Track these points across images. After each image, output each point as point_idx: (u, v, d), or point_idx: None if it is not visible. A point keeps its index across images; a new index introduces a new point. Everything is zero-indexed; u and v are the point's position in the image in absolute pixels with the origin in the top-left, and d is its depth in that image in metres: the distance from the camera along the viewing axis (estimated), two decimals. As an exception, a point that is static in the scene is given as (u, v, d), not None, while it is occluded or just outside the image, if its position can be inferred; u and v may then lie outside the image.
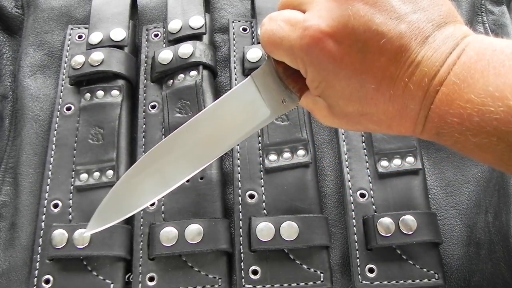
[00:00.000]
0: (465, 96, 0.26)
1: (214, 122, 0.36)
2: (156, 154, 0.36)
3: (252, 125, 0.36)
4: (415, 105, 0.28)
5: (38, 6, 0.58)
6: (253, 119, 0.36)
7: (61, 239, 0.43)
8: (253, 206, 0.45)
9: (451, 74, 0.27)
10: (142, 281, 0.42)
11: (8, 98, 0.55)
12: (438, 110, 0.27)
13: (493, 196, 0.46)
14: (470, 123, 0.26)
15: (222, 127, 0.36)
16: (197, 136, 0.36)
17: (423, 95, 0.28)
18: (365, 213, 0.44)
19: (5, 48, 0.57)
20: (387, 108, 0.29)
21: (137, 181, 0.36)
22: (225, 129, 0.36)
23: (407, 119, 0.29)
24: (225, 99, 0.36)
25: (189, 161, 0.36)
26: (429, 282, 0.41)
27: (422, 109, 0.28)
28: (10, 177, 0.50)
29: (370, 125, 0.32)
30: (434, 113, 0.28)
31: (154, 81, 0.52)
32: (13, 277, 0.44)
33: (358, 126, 0.33)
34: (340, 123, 0.33)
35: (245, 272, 0.42)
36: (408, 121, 0.29)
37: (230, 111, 0.36)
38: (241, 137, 0.36)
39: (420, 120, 0.29)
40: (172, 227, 0.43)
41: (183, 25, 0.53)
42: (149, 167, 0.36)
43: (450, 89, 0.27)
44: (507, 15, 0.57)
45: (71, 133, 0.49)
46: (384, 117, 0.30)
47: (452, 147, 0.28)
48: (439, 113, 0.27)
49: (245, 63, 0.51)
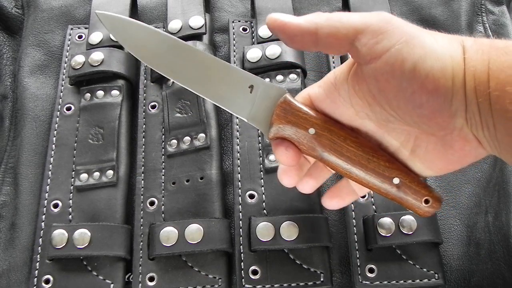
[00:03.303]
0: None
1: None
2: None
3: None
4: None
5: (38, 6, 0.58)
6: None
7: (61, 239, 0.43)
8: (253, 206, 0.45)
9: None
10: (142, 281, 0.42)
11: (8, 98, 0.55)
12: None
13: (493, 196, 0.46)
14: None
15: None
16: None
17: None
18: (365, 213, 0.44)
19: (5, 48, 0.57)
20: None
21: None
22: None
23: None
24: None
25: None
26: (429, 282, 0.41)
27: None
28: (10, 177, 0.50)
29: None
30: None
31: (154, 81, 0.52)
32: (13, 277, 0.44)
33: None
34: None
35: (245, 272, 0.42)
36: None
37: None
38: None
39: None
40: (172, 227, 0.43)
41: (183, 25, 0.53)
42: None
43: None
44: (507, 15, 0.57)
45: (71, 133, 0.49)
46: None
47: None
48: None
49: (245, 63, 0.51)
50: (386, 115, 0.31)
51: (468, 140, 0.29)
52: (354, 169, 0.33)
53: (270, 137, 0.35)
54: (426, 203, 0.33)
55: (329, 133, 0.33)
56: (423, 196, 0.33)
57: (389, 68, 0.28)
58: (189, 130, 0.48)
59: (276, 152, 0.35)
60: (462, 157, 0.30)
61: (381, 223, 0.42)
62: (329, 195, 0.38)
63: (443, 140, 0.30)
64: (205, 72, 0.35)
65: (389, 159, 0.33)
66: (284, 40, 0.32)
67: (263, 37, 0.52)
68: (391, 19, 0.29)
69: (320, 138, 0.33)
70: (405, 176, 0.33)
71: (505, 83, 0.26)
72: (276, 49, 0.50)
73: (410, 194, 0.33)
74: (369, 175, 0.33)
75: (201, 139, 0.47)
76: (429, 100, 0.28)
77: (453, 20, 0.56)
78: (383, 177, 0.33)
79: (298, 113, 0.34)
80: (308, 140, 0.34)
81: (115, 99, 0.50)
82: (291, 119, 0.34)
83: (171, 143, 0.48)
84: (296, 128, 0.34)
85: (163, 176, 0.47)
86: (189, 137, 0.47)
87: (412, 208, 0.34)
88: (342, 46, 0.30)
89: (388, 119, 0.31)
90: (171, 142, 0.48)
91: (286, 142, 0.34)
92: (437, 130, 0.29)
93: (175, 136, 0.48)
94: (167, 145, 0.48)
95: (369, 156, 0.33)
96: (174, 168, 0.47)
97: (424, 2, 0.58)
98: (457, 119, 0.28)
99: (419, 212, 0.34)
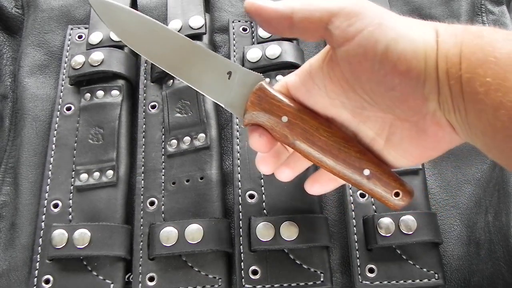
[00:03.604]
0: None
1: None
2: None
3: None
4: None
5: (38, 6, 0.58)
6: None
7: (61, 239, 0.43)
8: (253, 206, 0.45)
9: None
10: (142, 281, 0.42)
11: (8, 98, 0.55)
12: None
13: (493, 196, 0.46)
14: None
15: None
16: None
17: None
18: (365, 213, 0.44)
19: (5, 48, 0.57)
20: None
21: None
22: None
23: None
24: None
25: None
26: (429, 282, 0.41)
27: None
28: (10, 177, 0.50)
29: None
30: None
31: (154, 81, 0.52)
32: (13, 277, 0.44)
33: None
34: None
35: (245, 272, 0.42)
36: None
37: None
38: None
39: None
40: (172, 227, 0.43)
41: (183, 25, 0.53)
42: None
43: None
44: (507, 15, 0.57)
45: (71, 133, 0.49)
46: None
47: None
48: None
49: (245, 63, 0.51)
50: (361, 101, 0.31)
51: (442, 125, 0.29)
52: (325, 158, 0.34)
53: (245, 123, 0.36)
54: (396, 196, 0.33)
55: (301, 121, 0.33)
56: (393, 189, 0.33)
57: (362, 50, 0.28)
58: (189, 130, 0.48)
59: (250, 138, 0.35)
60: (436, 143, 0.30)
61: (381, 223, 0.42)
62: (310, 180, 0.39)
63: (417, 126, 0.30)
64: (185, 57, 0.36)
65: (360, 150, 0.33)
66: (260, 23, 0.32)
67: (263, 37, 0.52)
68: (365, 2, 0.29)
69: (292, 126, 0.34)
70: (376, 168, 0.33)
71: (476, 65, 0.26)
72: (276, 49, 0.50)
73: (380, 186, 0.33)
74: (339, 165, 0.34)
75: (201, 139, 0.47)
76: (402, 82, 0.28)
77: (453, 20, 0.56)
78: (354, 168, 0.33)
79: (272, 100, 0.34)
80: (281, 128, 0.34)
81: (115, 99, 0.50)
82: (265, 106, 0.34)
83: (171, 143, 0.48)
84: (270, 115, 0.34)
85: (163, 176, 0.47)
86: (189, 137, 0.47)
87: (382, 200, 0.34)
88: (317, 31, 0.30)
89: (362, 106, 0.31)
90: (171, 142, 0.48)
91: (261, 129, 0.35)
92: (411, 115, 0.29)
93: (175, 136, 0.48)
94: (167, 145, 0.48)
95: (340, 146, 0.33)
96: (174, 168, 0.47)
97: (424, 2, 0.58)
98: (430, 103, 0.28)
99: (389, 204, 0.34)
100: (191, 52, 0.36)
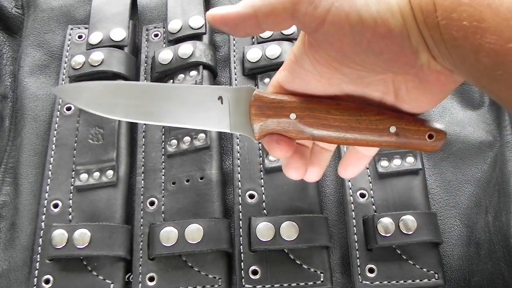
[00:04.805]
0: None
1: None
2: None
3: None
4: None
5: (38, 6, 0.58)
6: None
7: (61, 239, 0.43)
8: (253, 206, 0.45)
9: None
10: (142, 281, 0.42)
11: (8, 98, 0.55)
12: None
13: (493, 196, 0.46)
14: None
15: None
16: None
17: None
18: (365, 213, 0.44)
19: (5, 48, 0.57)
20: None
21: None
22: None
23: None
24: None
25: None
26: (429, 282, 0.41)
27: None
28: (10, 177, 0.50)
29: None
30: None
31: (154, 81, 0.52)
32: (13, 277, 0.44)
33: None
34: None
35: (245, 272, 0.42)
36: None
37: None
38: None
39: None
40: (172, 227, 0.43)
41: (183, 25, 0.53)
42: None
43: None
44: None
45: (71, 133, 0.49)
46: None
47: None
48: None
49: (245, 63, 0.51)
50: (356, 72, 0.31)
51: (440, 72, 0.29)
52: (348, 134, 0.33)
53: (257, 138, 0.35)
54: (430, 138, 0.32)
55: (310, 111, 0.33)
56: (425, 133, 0.32)
57: (337, 27, 0.28)
58: (189, 130, 0.48)
59: (269, 149, 0.35)
60: (442, 87, 0.30)
61: (381, 223, 0.42)
62: (342, 166, 0.38)
63: (417, 77, 0.30)
64: (167, 102, 0.35)
65: (378, 111, 0.33)
66: (228, 31, 0.32)
67: (263, 37, 0.52)
68: None
69: (303, 120, 0.33)
70: (399, 121, 0.32)
71: (450, 10, 0.25)
72: (276, 49, 0.50)
73: (411, 137, 0.32)
74: (364, 134, 0.33)
75: (201, 139, 0.47)
76: (387, 44, 0.28)
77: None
78: (379, 131, 0.33)
79: (272, 104, 0.33)
80: (293, 126, 0.33)
81: (115, 99, 0.50)
82: (269, 112, 0.33)
83: (171, 143, 0.48)
84: (277, 119, 0.33)
85: (163, 176, 0.47)
86: (189, 137, 0.47)
87: (419, 148, 0.33)
88: (285, 21, 0.30)
89: (360, 76, 0.31)
90: (171, 142, 0.48)
91: (275, 136, 0.34)
92: (408, 69, 0.29)
93: (175, 136, 0.48)
94: (167, 145, 0.48)
95: (357, 117, 0.32)
96: (174, 168, 0.47)
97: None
98: (421, 54, 0.28)
99: (427, 149, 0.33)
100: (174, 95, 0.35)
